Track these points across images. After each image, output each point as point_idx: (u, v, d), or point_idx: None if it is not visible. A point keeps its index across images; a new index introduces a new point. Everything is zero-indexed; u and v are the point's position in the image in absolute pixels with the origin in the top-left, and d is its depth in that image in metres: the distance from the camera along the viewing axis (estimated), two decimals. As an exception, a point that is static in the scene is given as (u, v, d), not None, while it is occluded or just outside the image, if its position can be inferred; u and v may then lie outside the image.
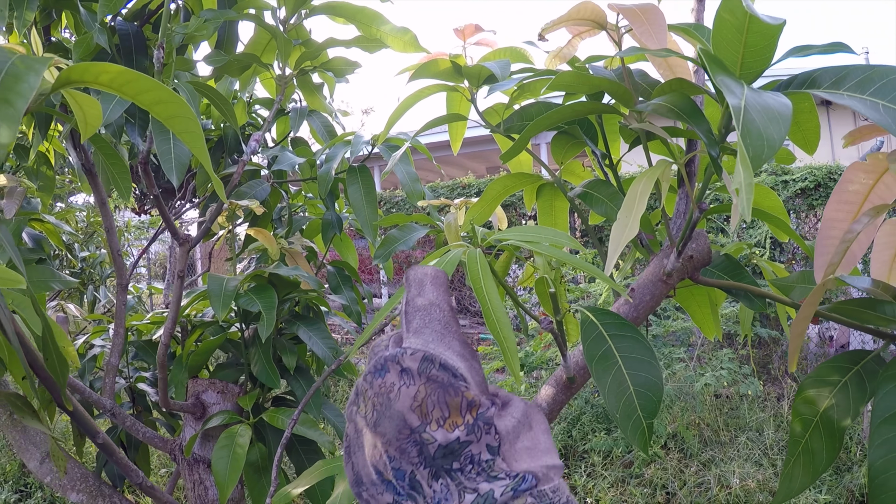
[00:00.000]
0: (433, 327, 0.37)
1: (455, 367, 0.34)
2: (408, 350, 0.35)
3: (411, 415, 0.33)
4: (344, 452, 0.37)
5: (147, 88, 0.41)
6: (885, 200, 0.51)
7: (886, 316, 0.54)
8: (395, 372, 0.34)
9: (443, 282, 0.39)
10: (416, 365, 0.34)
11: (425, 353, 0.35)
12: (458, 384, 0.34)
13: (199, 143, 0.40)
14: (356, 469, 0.36)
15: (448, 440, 0.33)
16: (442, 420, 0.33)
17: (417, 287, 0.39)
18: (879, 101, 0.39)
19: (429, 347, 0.35)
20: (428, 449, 0.33)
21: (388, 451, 0.34)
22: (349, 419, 0.37)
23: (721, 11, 0.38)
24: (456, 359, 0.35)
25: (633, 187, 0.46)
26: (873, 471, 0.45)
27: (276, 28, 0.84)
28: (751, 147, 0.31)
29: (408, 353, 0.35)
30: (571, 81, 0.50)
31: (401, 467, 0.33)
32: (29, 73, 0.38)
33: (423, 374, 0.34)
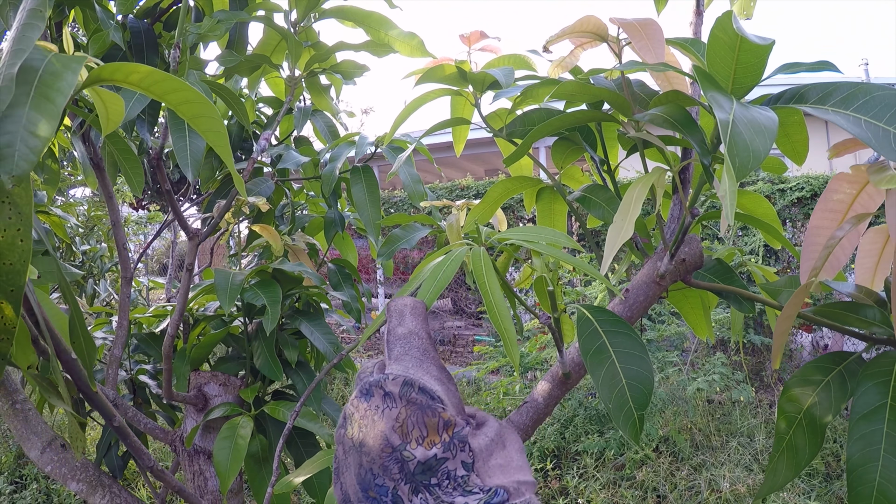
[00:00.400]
0: (413, 354, 0.40)
1: (433, 389, 0.37)
2: (390, 376, 0.38)
3: (393, 434, 0.36)
4: (333, 474, 0.40)
5: (174, 88, 0.43)
6: (867, 210, 0.54)
7: (868, 319, 0.57)
8: (379, 396, 0.38)
9: (421, 312, 0.42)
10: (397, 389, 0.37)
11: (405, 378, 0.38)
12: (436, 406, 0.37)
13: (222, 141, 0.43)
14: (344, 489, 0.39)
15: (426, 457, 0.36)
16: (420, 439, 0.36)
17: (398, 317, 0.42)
18: (862, 116, 0.41)
19: (409, 373, 0.38)
20: (408, 466, 0.36)
21: (373, 469, 0.36)
22: (338, 441, 0.40)
23: (715, 30, 0.40)
24: (434, 382, 0.38)
25: (629, 192, 0.48)
26: (851, 464, 0.48)
27: (287, 31, 0.86)
28: (737, 158, 0.33)
29: (390, 378, 0.38)
30: (574, 90, 0.53)
31: (384, 484, 0.36)
32: (66, 71, 0.40)
33: (403, 398, 0.37)
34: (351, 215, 1.60)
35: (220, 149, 0.43)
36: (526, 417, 0.69)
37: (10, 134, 0.38)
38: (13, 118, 0.38)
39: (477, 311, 7.85)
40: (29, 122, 0.38)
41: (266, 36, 1.03)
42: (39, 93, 0.39)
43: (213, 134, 0.43)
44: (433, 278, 0.43)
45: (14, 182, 0.36)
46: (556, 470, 3.28)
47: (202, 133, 0.44)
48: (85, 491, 1.26)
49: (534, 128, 0.68)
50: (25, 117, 0.38)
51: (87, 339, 0.51)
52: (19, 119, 0.38)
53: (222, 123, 0.43)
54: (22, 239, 0.39)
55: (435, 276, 0.43)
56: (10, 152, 0.37)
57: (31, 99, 0.39)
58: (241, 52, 1.02)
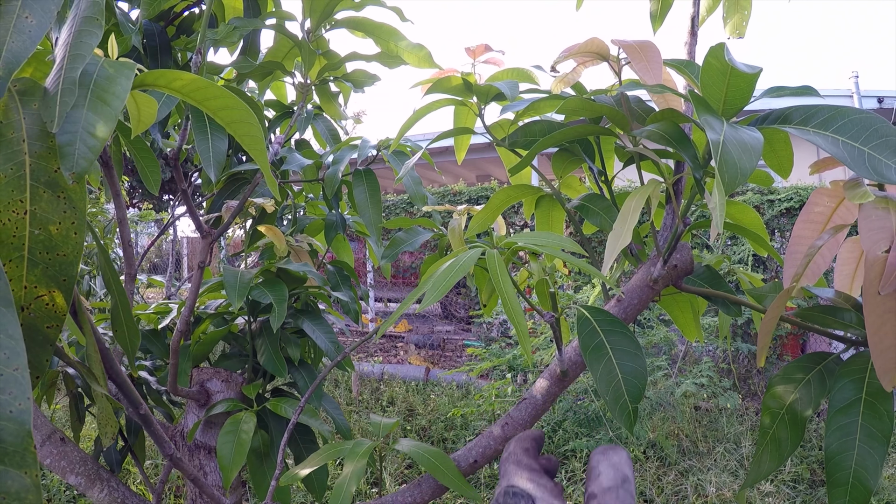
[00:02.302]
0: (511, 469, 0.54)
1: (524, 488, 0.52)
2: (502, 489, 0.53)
3: None
4: None
5: (215, 95, 0.47)
6: (845, 221, 0.58)
7: (846, 322, 0.61)
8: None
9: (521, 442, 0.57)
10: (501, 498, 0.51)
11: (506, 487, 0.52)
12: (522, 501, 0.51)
13: (259, 146, 0.47)
14: None
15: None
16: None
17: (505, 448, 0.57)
18: (840, 137, 0.46)
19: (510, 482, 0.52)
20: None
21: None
22: None
23: (709, 57, 0.45)
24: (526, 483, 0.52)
25: (627, 203, 0.53)
26: (829, 452, 0.52)
27: (302, 39, 0.90)
28: (726, 174, 0.38)
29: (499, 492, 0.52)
30: (577, 107, 0.57)
31: None
32: (120, 76, 0.44)
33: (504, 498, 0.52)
34: (350, 218, 1.64)
35: (257, 152, 0.47)
36: (525, 413, 0.73)
37: (70, 134, 0.41)
38: (73, 119, 0.42)
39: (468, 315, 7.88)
40: (87, 122, 0.42)
41: (277, 43, 1.07)
42: (96, 96, 0.43)
43: (249, 139, 0.47)
44: (447, 274, 0.47)
45: (74, 178, 0.40)
46: (544, 473, 3.31)
47: (238, 137, 0.47)
48: (83, 484, 1.29)
49: (535, 138, 0.73)
50: (84, 118, 0.42)
51: (131, 327, 0.54)
52: (78, 120, 0.42)
53: (260, 129, 0.46)
54: (76, 232, 0.43)
55: (449, 271, 0.47)
56: (70, 150, 0.41)
57: (88, 101, 0.43)
58: (254, 57, 1.06)
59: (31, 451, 0.32)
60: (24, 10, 0.46)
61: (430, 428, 3.99)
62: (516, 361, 3.71)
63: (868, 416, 0.55)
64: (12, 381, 0.33)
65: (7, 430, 0.32)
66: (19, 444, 0.32)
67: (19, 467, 0.32)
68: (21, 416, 0.32)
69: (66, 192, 0.43)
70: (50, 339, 0.44)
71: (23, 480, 0.32)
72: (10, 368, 0.33)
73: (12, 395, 0.32)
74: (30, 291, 0.43)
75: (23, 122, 0.48)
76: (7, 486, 0.31)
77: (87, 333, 0.50)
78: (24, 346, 0.34)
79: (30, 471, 0.32)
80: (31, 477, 0.32)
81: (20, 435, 0.32)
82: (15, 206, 0.45)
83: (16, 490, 0.32)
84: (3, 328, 0.34)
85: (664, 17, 0.85)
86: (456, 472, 0.73)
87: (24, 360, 0.33)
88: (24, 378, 0.33)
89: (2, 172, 0.46)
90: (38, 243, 0.43)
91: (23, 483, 0.32)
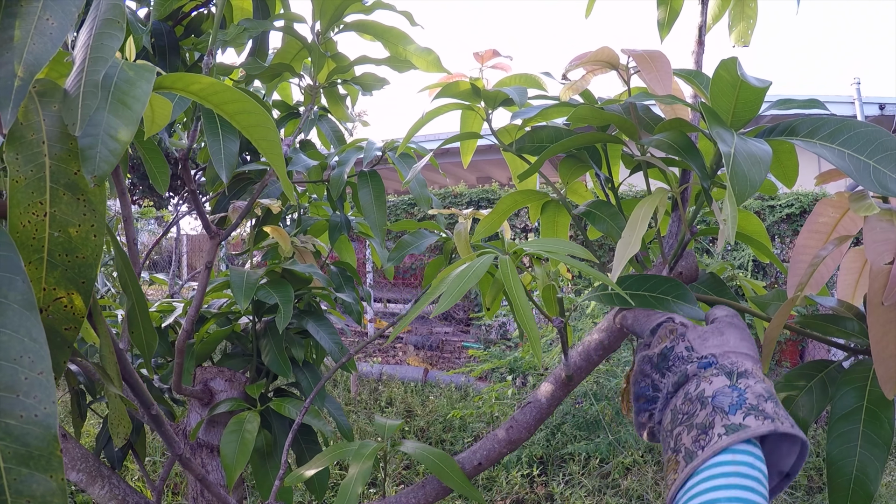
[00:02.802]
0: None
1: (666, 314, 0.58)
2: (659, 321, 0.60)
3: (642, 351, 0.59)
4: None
5: (232, 99, 0.47)
6: (849, 232, 0.59)
7: (847, 330, 0.62)
8: None
9: None
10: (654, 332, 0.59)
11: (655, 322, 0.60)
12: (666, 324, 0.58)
13: (276, 150, 0.47)
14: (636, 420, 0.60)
15: (662, 349, 0.56)
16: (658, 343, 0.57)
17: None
18: (846, 150, 0.47)
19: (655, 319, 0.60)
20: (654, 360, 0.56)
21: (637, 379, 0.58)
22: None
23: (719, 69, 0.46)
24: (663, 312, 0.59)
25: (636, 211, 0.53)
26: (831, 458, 0.53)
27: (312, 42, 0.91)
28: (737, 186, 0.38)
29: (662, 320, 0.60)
30: (587, 115, 0.58)
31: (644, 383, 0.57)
32: (141, 79, 0.45)
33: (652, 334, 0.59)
34: (353, 219, 1.64)
35: (273, 156, 0.47)
36: (529, 416, 0.74)
37: (91, 137, 0.42)
38: (94, 122, 0.43)
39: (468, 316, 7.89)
40: (109, 126, 0.42)
41: (286, 44, 1.07)
42: (116, 98, 0.44)
43: (266, 143, 0.47)
44: (461, 279, 0.48)
45: (95, 181, 0.41)
46: (542, 476, 3.32)
47: (254, 141, 0.48)
48: (84, 481, 1.29)
49: (543, 144, 0.74)
50: (105, 121, 0.43)
51: (148, 329, 0.55)
52: (100, 123, 0.43)
53: (277, 133, 0.47)
54: (95, 234, 0.44)
55: (463, 277, 0.48)
56: (92, 153, 0.42)
57: (109, 104, 0.44)
58: (263, 58, 1.07)
59: (56, 454, 0.32)
60: (44, 12, 0.47)
61: (429, 429, 4.00)
62: (517, 364, 3.72)
63: (869, 423, 0.56)
64: (37, 385, 0.33)
65: (33, 434, 0.32)
66: (45, 448, 0.32)
67: (45, 471, 0.32)
68: (47, 420, 0.33)
69: (85, 194, 0.44)
70: (67, 342, 0.45)
71: (49, 484, 0.32)
72: (34, 372, 0.34)
73: (37, 398, 0.33)
74: (48, 293, 0.44)
75: (43, 124, 0.49)
76: (32, 490, 0.32)
77: (103, 334, 0.51)
78: (48, 350, 0.34)
79: (55, 474, 0.33)
80: (57, 480, 0.33)
81: (46, 438, 0.33)
82: (35, 208, 0.45)
83: (41, 493, 0.32)
84: (27, 331, 0.35)
85: (671, 26, 0.86)
86: (460, 475, 0.74)
87: (49, 363, 0.34)
88: (48, 382, 0.34)
89: (22, 174, 0.47)
90: (57, 245, 0.44)
91: (49, 486, 0.32)
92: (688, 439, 0.48)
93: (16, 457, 0.32)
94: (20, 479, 0.32)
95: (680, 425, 0.50)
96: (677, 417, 0.51)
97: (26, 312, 0.35)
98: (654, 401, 0.55)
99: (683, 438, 0.49)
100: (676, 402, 0.52)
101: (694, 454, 0.47)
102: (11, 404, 0.33)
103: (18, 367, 0.33)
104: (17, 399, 0.33)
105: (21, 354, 0.34)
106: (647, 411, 0.56)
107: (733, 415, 0.47)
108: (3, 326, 0.35)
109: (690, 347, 0.53)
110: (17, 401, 0.33)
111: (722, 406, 0.48)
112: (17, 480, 0.32)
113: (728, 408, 0.47)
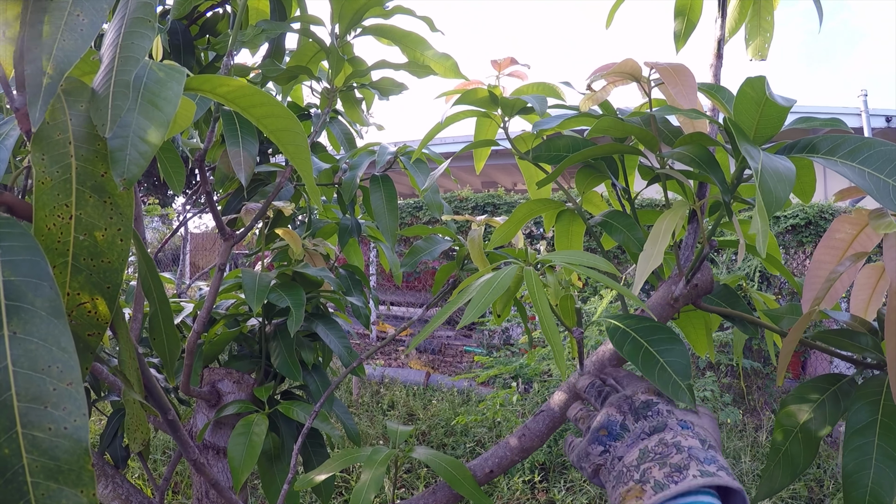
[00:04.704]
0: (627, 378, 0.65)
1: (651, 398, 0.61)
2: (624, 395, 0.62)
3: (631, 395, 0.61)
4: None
5: (260, 102, 0.47)
6: (865, 249, 0.59)
7: (861, 345, 0.62)
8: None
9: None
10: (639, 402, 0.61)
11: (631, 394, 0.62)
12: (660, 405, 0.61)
13: (303, 154, 0.47)
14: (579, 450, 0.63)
15: (649, 399, 0.59)
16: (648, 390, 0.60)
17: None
18: (866, 168, 0.47)
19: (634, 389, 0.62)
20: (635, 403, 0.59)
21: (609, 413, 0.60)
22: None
23: (744, 86, 0.46)
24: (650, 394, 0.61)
25: (658, 224, 0.54)
26: (846, 471, 0.54)
27: (331, 45, 0.91)
28: (765, 201, 0.39)
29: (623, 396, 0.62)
30: (609, 126, 0.58)
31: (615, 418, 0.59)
32: (171, 80, 0.45)
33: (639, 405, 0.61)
34: (363, 223, 1.65)
35: (300, 161, 0.48)
36: (542, 425, 0.74)
37: (121, 139, 0.42)
38: (124, 123, 0.42)
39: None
40: (139, 127, 0.42)
41: (302, 46, 1.08)
42: (146, 100, 0.44)
43: (293, 147, 0.47)
44: (486, 290, 0.48)
45: (124, 185, 0.41)
46: (543, 483, 3.31)
47: (281, 145, 0.48)
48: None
49: (560, 153, 0.74)
50: (135, 123, 0.42)
51: (171, 335, 0.55)
52: (129, 124, 0.42)
53: (305, 138, 0.47)
54: (122, 238, 0.44)
55: (488, 288, 0.48)
56: (121, 156, 0.41)
57: (139, 105, 0.43)
58: (280, 60, 1.07)
59: (87, 468, 0.31)
60: (75, 8, 0.45)
61: (430, 433, 4.00)
62: (522, 370, 3.72)
63: (884, 436, 0.57)
64: (66, 397, 0.32)
65: (62, 448, 0.31)
66: (75, 462, 0.31)
67: (75, 486, 0.31)
68: (77, 433, 0.32)
69: (112, 197, 0.44)
70: (91, 347, 0.44)
71: (78, 499, 0.31)
72: (63, 383, 0.32)
73: (67, 410, 0.32)
74: (72, 298, 0.43)
75: (69, 124, 0.48)
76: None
77: (124, 339, 0.51)
78: (77, 360, 0.33)
79: (86, 489, 0.31)
80: (88, 496, 0.31)
81: (76, 452, 0.31)
82: (60, 210, 0.45)
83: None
84: (55, 340, 0.34)
85: (688, 38, 0.86)
86: (472, 482, 0.74)
87: (79, 373, 0.33)
88: (78, 393, 0.33)
89: (48, 175, 0.46)
90: (82, 249, 0.44)
91: (78, 502, 0.31)
92: (659, 474, 0.52)
93: (44, 471, 0.31)
94: (48, 495, 0.31)
95: (650, 462, 0.54)
96: (648, 455, 0.54)
97: (54, 320, 0.35)
98: (617, 438, 0.58)
99: (654, 472, 0.53)
100: (649, 443, 0.55)
101: (665, 486, 0.51)
102: (40, 416, 0.32)
103: (47, 377, 0.32)
104: (45, 411, 0.32)
105: (49, 364, 0.33)
106: (605, 445, 0.59)
107: (708, 465, 0.51)
108: (31, 335, 0.34)
109: (671, 411, 0.58)
110: (46, 413, 0.32)
111: (697, 456, 0.52)
112: (46, 496, 0.31)
113: (703, 460, 0.52)
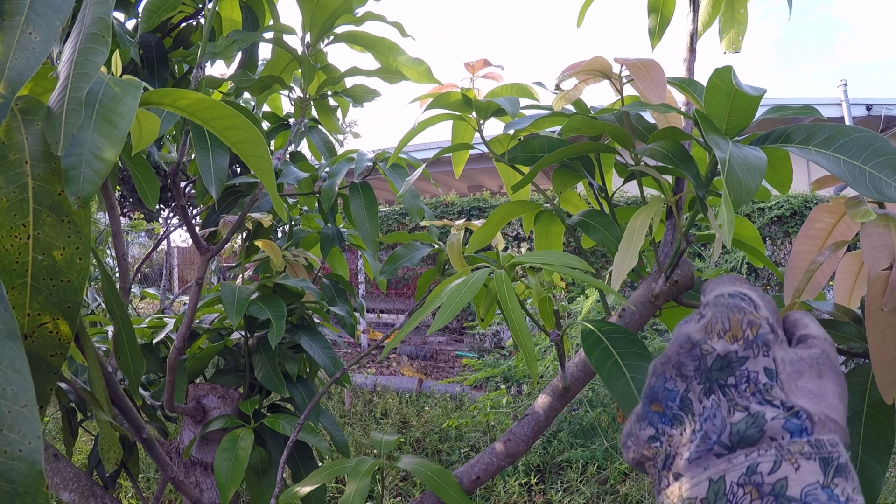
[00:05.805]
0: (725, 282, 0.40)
1: (744, 292, 0.37)
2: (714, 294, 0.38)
3: (697, 332, 0.36)
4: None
5: (221, 115, 0.46)
6: (845, 237, 0.59)
7: (845, 335, 0.62)
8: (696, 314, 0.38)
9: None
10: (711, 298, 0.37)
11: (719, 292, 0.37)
12: (744, 305, 0.36)
13: (265, 166, 0.46)
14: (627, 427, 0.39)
15: (727, 351, 0.34)
16: (723, 332, 0.35)
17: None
18: (841, 156, 0.46)
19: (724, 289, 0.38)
20: (706, 361, 0.34)
21: (665, 372, 0.36)
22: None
23: (714, 77, 0.45)
24: (746, 288, 0.38)
25: (632, 222, 0.53)
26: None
27: (302, 54, 0.90)
28: (733, 192, 0.38)
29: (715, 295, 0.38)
30: (581, 125, 0.58)
31: (674, 388, 0.35)
32: (126, 96, 0.44)
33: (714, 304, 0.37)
34: (345, 231, 1.63)
35: (262, 173, 0.47)
36: (527, 429, 0.73)
37: (75, 156, 0.41)
38: (78, 141, 0.41)
39: (461, 325, 7.87)
40: (93, 144, 0.41)
41: (275, 56, 1.07)
42: (102, 116, 0.43)
43: (255, 159, 0.46)
44: (456, 294, 0.47)
45: (79, 203, 0.40)
46: (539, 485, 3.30)
47: (244, 157, 0.47)
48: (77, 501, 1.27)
49: (536, 154, 0.73)
50: (90, 140, 0.41)
51: (135, 354, 0.53)
52: (84, 142, 0.41)
53: (266, 149, 0.46)
54: (80, 258, 0.43)
55: (458, 292, 0.47)
56: (76, 174, 0.40)
57: (94, 122, 0.42)
58: (253, 70, 1.06)
59: (42, 491, 0.31)
60: (27, 26, 0.45)
61: (425, 440, 3.98)
62: (511, 372, 3.71)
63: (870, 426, 0.56)
64: (21, 419, 0.32)
65: (17, 471, 0.31)
66: (30, 485, 0.31)
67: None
68: (32, 456, 0.32)
69: (70, 216, 0.43)
70: (54, 368, 0.43)
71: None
72: (18, 406, 0.32)
73: (21, 433, 0.32)
74: (33, 319, 0.42)
75: (25, 143, 0.47)
76: (18, 528, 0.30)
77: (91, 358, 0.49)
78: (31, 382, 0.33)
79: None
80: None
81: (31, 475, 0.31)
82: (17, 230, 0.44)
83: (27, 532, 0.31)
84: (10, 363, 0.33)
85: (663, 33, 0.86)
86: (458, 490, 0.73)
87: (33, 396, 0.33)
88: (33, 415, 0.32)
89: (4, 195, 0.45)
90: (41, 269, 0.43)
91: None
92: None
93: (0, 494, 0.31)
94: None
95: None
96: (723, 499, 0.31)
97: (8, 342, 0.34)
98: (674, 423, 0.35)
99: None
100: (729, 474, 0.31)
101: None
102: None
103: (1, 400, 0.32)
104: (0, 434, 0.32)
105: (3, 387, 0.32)
106: (656, 428, 0.36)
107: None
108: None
109: (775, 376, 0.34)
110: (1, 436, 0.32)
111: None
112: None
113: None
